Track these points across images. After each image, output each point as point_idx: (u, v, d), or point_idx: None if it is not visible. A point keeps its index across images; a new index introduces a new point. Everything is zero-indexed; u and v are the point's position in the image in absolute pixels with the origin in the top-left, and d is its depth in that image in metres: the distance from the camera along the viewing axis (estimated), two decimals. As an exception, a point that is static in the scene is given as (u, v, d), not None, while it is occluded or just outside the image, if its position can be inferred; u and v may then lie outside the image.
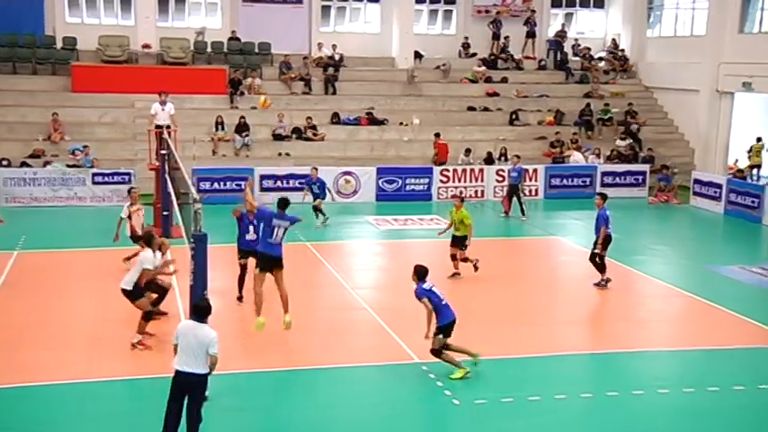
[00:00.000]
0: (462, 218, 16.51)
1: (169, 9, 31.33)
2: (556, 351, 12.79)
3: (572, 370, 12.29)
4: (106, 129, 26.90)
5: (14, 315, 13.68)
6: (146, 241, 12.61)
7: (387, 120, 29.32)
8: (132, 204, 16.68)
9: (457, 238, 16.64)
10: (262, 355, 12.32)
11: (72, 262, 16.99)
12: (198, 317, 8.98)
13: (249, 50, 30.79)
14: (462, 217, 16.50)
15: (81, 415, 10.16)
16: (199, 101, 28.15)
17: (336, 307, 14.51)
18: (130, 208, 16.56)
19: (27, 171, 23.65)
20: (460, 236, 16.56)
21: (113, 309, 13.39)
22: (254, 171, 24.57)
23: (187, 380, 8.76)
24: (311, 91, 29.92)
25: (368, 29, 33.44)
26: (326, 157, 26.94)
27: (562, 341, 13.44)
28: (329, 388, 11.39)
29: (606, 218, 16.19)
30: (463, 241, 16.55)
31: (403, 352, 12.53)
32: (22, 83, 27.77)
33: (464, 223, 16.48)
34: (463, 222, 16.49)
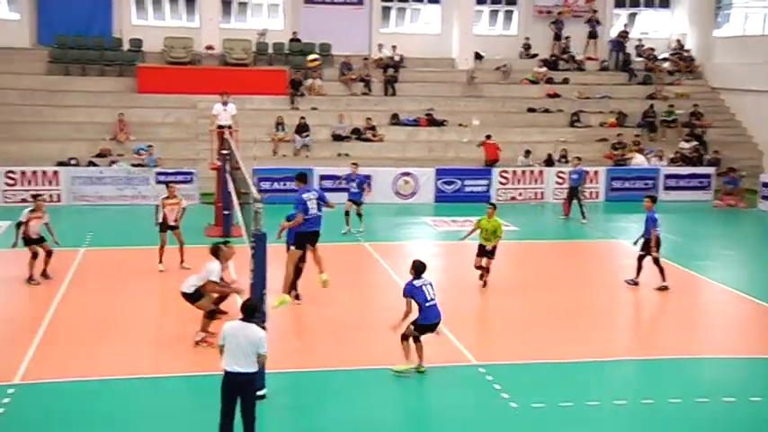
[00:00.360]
0: (496, 228, 15.55)
1: (232, 11, 31.78)
2: (616, 356, 12.59)
3: (633, 375, 12.09)
4: (170, 129, 27.40)
5: (80, 311, 14.02)
6: (213, 253, 12.50)
7: (446, 121, 29.25)
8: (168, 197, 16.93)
9: (484, 250, 15.69)
10: (319, 354, 12.39)
11: (136, 259, 17.33)
12: (246, 316, 9.04)
13: (310, 51, 30.94)
14: (496, 227, 15.55)
15: (143, 410, 10.35)
16: (259, 102, 28.48)
17: (393, 307, 14.43)
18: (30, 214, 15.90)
19: (94, 170, 24.23)
20: (490, 247, 15.61)
21: (176, 306, 13.60)
22: (313, 171, 24.75)
23: (237, 380, 8.81)
24: (371, 92, 30.02)
25: (428, 30, 33.40)
26: (385, 158, 27.01)
27: (623, 346, 13.22)
28: (385, 388, 11.39)
29: (655, 220, 16.03)
30: (492, 254, 15.64)
31: (460, 353, 12.47)
32: (91, 84, 28.47)
33: (497, 234, 15.53)
34: (496, 233, 15.52)
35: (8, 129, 25.90)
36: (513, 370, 11.91)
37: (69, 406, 10.33)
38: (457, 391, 11.28)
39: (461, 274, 16.80)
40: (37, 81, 28.06)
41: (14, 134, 25.78)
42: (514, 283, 16.43)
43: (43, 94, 27.53)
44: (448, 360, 12.27)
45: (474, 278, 16.54)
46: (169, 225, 16.75)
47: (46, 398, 10.53)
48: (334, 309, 14.31)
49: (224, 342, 8.87)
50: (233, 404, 8.89)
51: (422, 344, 11.61)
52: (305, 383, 11.37)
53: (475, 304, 15.29)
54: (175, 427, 9.94)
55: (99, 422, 9.95)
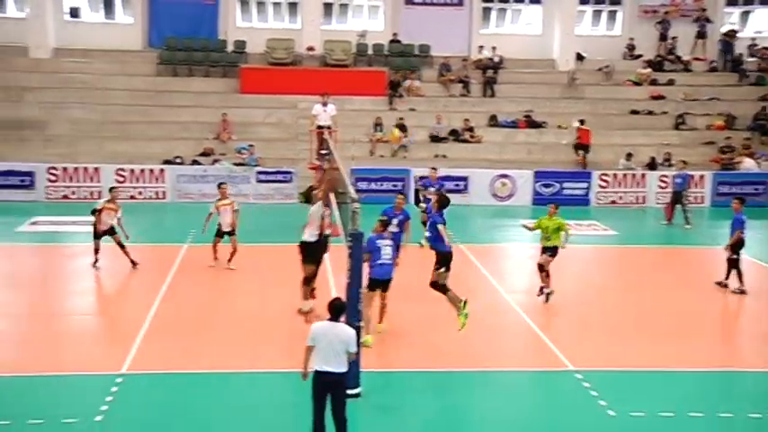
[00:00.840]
0: (558, 225, 14.84)
1: (333, 12, 32.17)
2: (722, 366, 12.13)
3: (740, 387, 11.61)
4: (270, 129, 27.94)
5: (183, 305, 14.45)
6: (306, 199, 13.00)
7: (545, 123, 28.84)
8: (220, 199, 16.95)
9: (547, 249, 14.99)
10: (413, 355, 12.39)
11: (237, 256, 17.70)
12: (334, 316, 9.09)
13: (409, 52, 31.13)
14: (558, 225, 14.85)
15: (239, 404, 10.57)
16: (358, 102, 28.72)
17: (488, 310, 14.39)
18: (105, 204, 16.79)
19: (197, 168, 24.95)
20: (551, 246, 14.93)
21: (274, 301, 13.88)
22: (410, 172, 24.83)
23: (328, 379, 8.86)
24: (469, 93, 29.87)
25: (529, 30, 33.00)
26: (482, 160, 26.84)
27: (728, 355, 12.72)
28: (479, 391, 11.31)
29: (742, 222, 15.81)
30: (554, 252, 14.94)
31: (556, 359, 12.27)
32: (196, 84, 29.32)
33: (559, 232, 14.84)
34: (558, 230, 14.84)
35: (119, 128, 26.94)
36: (611, 377, 11.63)
37: (170, 397, 10.66)
38: (552, 397, 11.11)
39: (560, 278, 16.52)
40: (146, 82, 29.10)
41: (124, 133, 26.80)
42: (613, 288, 16.05)
43: (152, 94, 28.52)
44: (544, 365, 12.10)
45: (570, 282, 16.27)
46: (224, 231, 16.68)
47: (149, 388, 10.90)
48: (428, 308, 14.28)
49: (314, 342, 8.92)
50: (324, 403, 8.96)
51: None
52: (400, 383, 11.40)
53: (572, 309, 14.99)
54: (269, 422, 10.10)
55: (196, 414, 10.22)
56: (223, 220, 16.69)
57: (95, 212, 16.50)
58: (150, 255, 17.43)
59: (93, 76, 28.81)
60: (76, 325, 13.64)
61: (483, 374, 11.86)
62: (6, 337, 12.75)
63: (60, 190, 23.75)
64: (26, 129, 26.53)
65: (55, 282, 16.12)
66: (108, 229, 16.51)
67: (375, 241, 12.49)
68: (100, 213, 16.45)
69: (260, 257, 17.80)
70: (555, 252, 14.92)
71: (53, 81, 28.39)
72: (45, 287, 15.66)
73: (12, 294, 14.88)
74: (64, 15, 30.54)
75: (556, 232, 14.83)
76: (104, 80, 28.69)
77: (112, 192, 17.09)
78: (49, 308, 14.44)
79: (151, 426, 9.86)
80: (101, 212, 16.46)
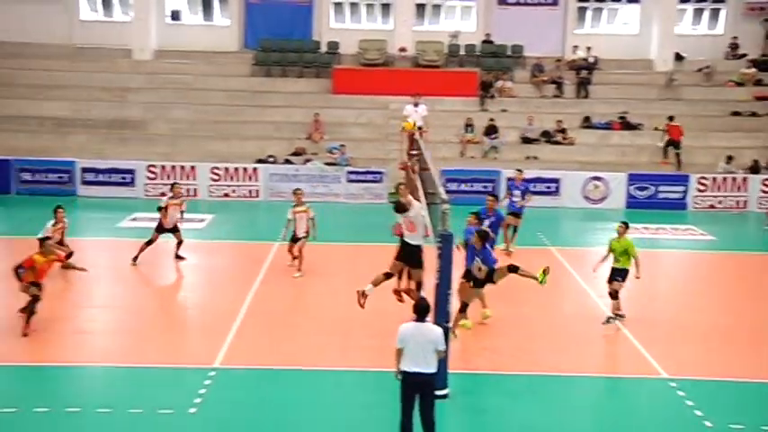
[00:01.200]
0: (626, 248, 13.68)
1: (426, 13, 32.19)
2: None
3: None
4: (361, 129, 28.16)
5: (273, 302, 14.70)
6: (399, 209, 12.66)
7: (641, 124, 28.14)
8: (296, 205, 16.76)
9: (617, 272, 13.78)
10: (502, 357, 12.29)
11: (325, 255, 17.92)
12: (420, 316, 9.08)
13: (502, 53, 30.87)
14: (627, 246, 13.68)
15: (326, 402, 10.72)
16: (450, 103, 28.65)
17: (579, 314, 14.15)
18: (169, 201, 17.04)
19: (289, 168, 25.34)
20: (620, 268, 13.72)
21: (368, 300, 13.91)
22: (500, 173, 24.63)
23: (418, 380, 8.87)
24: (562, 94, 29.42)
25: (625, 30, 32.26)
26: (574, 162, 26.40)
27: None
28: (568, 396, 11.13)
29: None
30: (624, 276, 13.74)
31: (649, 366, 11.97)
32: (290, 85, 29.81)
33: (627, 254, 13.65)
34: (627, 253, 13.65)
35: (214, 128, 27.63)
36: (707, 386, 11.28)
37: (259, 392, 10.87)
38: (645, 405, 10.85)
39: (653, 283, 16.11)
40: (241, 83, 29.76)
41: (220, 133, 27.46)
42: (710, 294, 15.54)
43: (246, 94, 29.13)
44: (637, 372, 11.82)
45: (665, 287, 15.86)
46: (297, 237, 16.60)
47: (240, 383, 11.13)
48: (519, 312, 14.15)
49: (402, 344, 8.94)
50: (412, 404, 8.97)
51: None
52: (489, 385, 11.32)
53: (666, 316, 14.59)
54: (356, 421, 10.17)
55: (284, 410, 10.37)
56: (298, 226, 16.60)
57: (161, 209, 16.90)
58: (243, 252, 17.79)
59: (191, 76, 29.66)
60: (173, 318, 14.07)
61: (573, 379, 11.67)
62: (109, 329, 13.24)
63: (159, 187, 24.47)
64: (128, 128, 27.52)
65: (153, 276, 16.63)
66: (173, 227, 16.95)
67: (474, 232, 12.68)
68: (166, 210, 16.86)
69: (349, 256, 17.96)
70: (625, 276, 13.75)
71: (153, 82, 29.37)
72: (144, 281, 16.20)
73: (113, 288, 15.44)
74: (165, 18, 31.54)
75: (624, 254, 13.68)
76: (202, 81, 29.50)
77: (175, 188, 17.49)
78: (147, 301, 14.93)
79: (241, 420, 10.06)
80: (167, 209, 16.87)
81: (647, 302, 14.65)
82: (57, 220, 15.94)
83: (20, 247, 15.51)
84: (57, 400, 10.32)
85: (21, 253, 15.57)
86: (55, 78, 29.02)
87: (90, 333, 12.80)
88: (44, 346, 12.20)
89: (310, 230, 16.54)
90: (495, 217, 15.04)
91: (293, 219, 16.50)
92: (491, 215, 14.92)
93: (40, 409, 9.99)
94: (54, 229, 15.77)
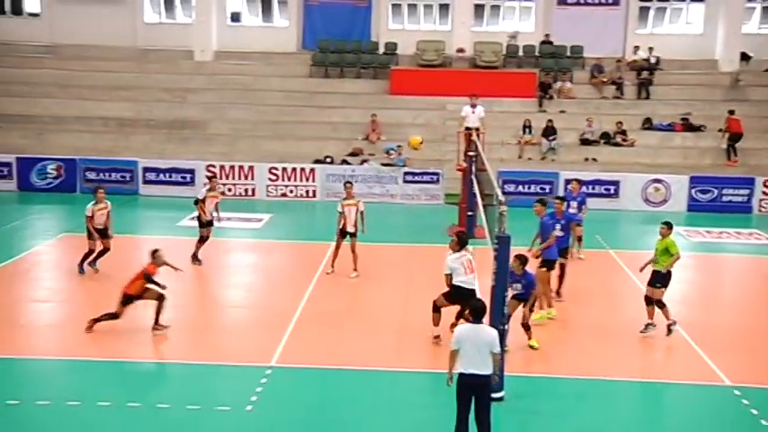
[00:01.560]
0: (667, 245, 13.01)
1: (484, 14, 32.03)
2: None
3: None
4: (418, 130, 28.05)
5: (330, 301, 14.77)
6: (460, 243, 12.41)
7: (704, 126, 27.54)
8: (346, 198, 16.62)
9: (658, 276, 13.09)
10: (561, 361, 12.15)
11: (380, 255, 17.95)
12: (476, 317, 9.04)
13: (561, 54, 30.55)
14: (667, 245, 13.02)
15: (381, 402, 10.73)
16: (507, 104, 28.45)
17: (639, 319, 13.89)
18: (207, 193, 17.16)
19: (346, 168, 25.44)
20: (661, 272, 13.05)
21: (417, 301, 13.93)
22: (558, 175, 24.37)
23: (474, 381, 8.82)
24: (623, 95, 28.98)
25: (689, 30, 31.64)
26: (634, 164, 25.98)
27: None
28: (627, 402, 10.96)
29: None
30: (665, 281, 13.06)
31: (711, 373, 11.70)
32: (348, 86, 29.95)
33: (669, 252, 12.98)
34: (668, 251, 12.98)
35: (273, 128, 27.91)
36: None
37: (314, 391, 10.91)
38: (707, 412, 10.60)
39: (716, 288, 15.77)
40: (299, 83, 30.00)
41: (278, 133, 27.72)
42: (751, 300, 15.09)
43: (304, 95, 29.35)
44: (698, 379, 11.57)
45: (728, 293, 15.48)
46: (347, 231, 16.44)
47: (296, 381, 11.20)
48: (575, 316, 13.97)
49: (458, 346, 8.91)
50: (468, 406, 8.93)
51: None
52: (546, 389, 11.20)
53: (730, 322, 14.26)
54: (410, 422, 10.15)
55: (339, 409, 10.42)
56: (348, 219, 16.45)
57: (198, 203, 17.09)
58: (300, 251, 17.93)
59: (250, 77, 30.02)
60: (231, 316, 14.23)
61: (632, 384, 11.49)
62: (170, 327, 13.46)
63: (217, 187, 24.75)
64: (188, 128, 27.98)
65: (211, 274, 16.85)
66: (210, 220, 17.14)
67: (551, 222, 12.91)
68: (203, 203, 17.02)
69: (404, 257, 17.96)
70: (667, 281, 13.09)
71: (213, 83, 29.81)
72: (202, 279, 16.42)
73: (174, 285, 15.67)
74: (226, 20, 31.99)
75: (665, 254, 13.01)
76: (260, 81, 29.84)
77: (212, 181, 17.68)
78: (206, 299, 15.14)
79: (296, 419, 10.12)
80: (204, 202, 17.04)
81: (709, 308, 14.33)
82: (97, 200, 16.08)
83: (86, 244, 15.94)
84: (118, 394, 10.54)
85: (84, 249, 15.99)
86: (119, 80, 29.67)
87: (148, 331, 13.01)
88: (113, 343, 12.46)
89: (359, 225, 16.42)
90: (566, 219, 14.85)
91: (342, 212, 16.43)
92: (560, 219, 14.72)
93: (103, 403, 10.21)
94: (96, 209, 15.96)
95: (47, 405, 10.14)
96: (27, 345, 12.37)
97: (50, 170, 24.86)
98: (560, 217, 14.69)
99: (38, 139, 27.06)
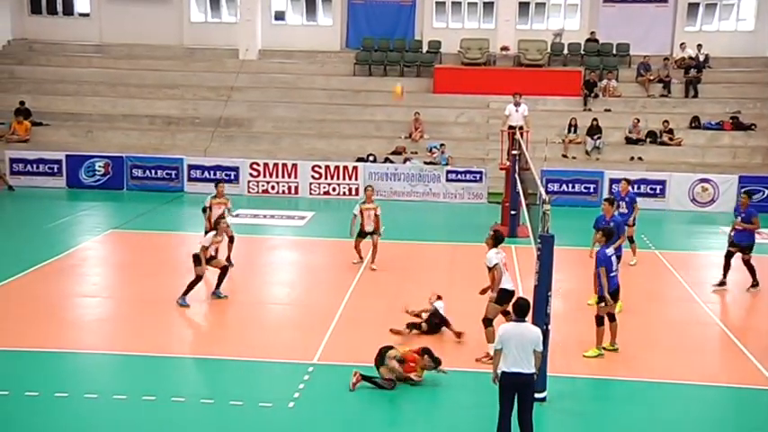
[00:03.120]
0: None
1: (529, 11, 31.82)
2: None
3: None
4: (461, 128, 28.05)
5: (371, 299, 14.78)
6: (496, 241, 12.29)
7: (754, 125, 27.02)
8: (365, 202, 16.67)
9: None
10: (605, 363, 12.02)
11: (425, 253, 17.93)
12: (519, 316, 9.00)
13: (607, 52, 30.21)
14: None
15: (426, 400, 10.74)
16: (552, 102, 28.24)
17: (685, 320, 13.71)
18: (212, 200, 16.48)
19: (389, 166, 25.45)
20: None
21: (460, 300, 13.87)
22: (603, 174, 24.12)
23: (517, 380, 8.80)
24: (670, 93, 28.56)
25: (740, 26, 31.08)
26: (681, 163, 25.59)
27: None
28: (671, 404, 10.80)
29: None
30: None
31: (759, 375, 11.49)
32: (391, 84, 29.80)
33: None
34: None
35: (316, 126, 28.06)
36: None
37: (356, 389, 10.92)
38: (752, 416, 10.42)
39: (763, 293, 15.47)
40: (343, 82, 30.11)
41: (321, 131, 27.86)
42: None
43: (348, 93, 29.45)
44: (744, 381, 11.37)
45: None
46: (366, 231, 16.60)
47: (338, 379, 11.20)
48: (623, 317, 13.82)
49: (501, 345, 8.88)
50: (511, 404, 8.90)
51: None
52: (589, 390, 11.11)
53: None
54: (454, 421, 10.13)
55: (381, 407, 10.43)
56: (365, 222, 16.63)
57: (205, 210, 16.52)
58: (343, 249, 17.98)
59: (294, 76, 30.22)
60: (274, 313, 14.33)
61: (677, 386, 11.32)
62: (212, 322, 13.63)
63: (261, 184, 25.00)
64: (233, 126, 28.25)
65: (254, 271, 17.00)
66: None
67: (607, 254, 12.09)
68: (210, 210, 16.46)
69: (447, 256, 17.92)
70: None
71: (258, 81, 30.05)
72: (246, 276, 16.56)
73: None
74: (270, 19, 32.24)
75: None
76: (304, 80, 30.01)
77: (219, 186, 16.95)
78: (248, 296, 15.26)
79: (337, 415, 10.16)
80: (211, 209, 16.45)
81: (760, 311, 14.06)
82: (217, 194, 16.37)
83: (132, 240, 16.17)
84: (162, 389, 10.70)
85: (134, 245, 16.22)
86: (165, 78, 30.09)
87: (193, 327, 13.18)
88: (157, 338, 12.65)
89: (378, 225, 16.67)
90: (614, 221, 14.63)
91: (357, 214, 16.62)
92: (609, 220, 14.54)
93: (148, 398, 10.37)
94: (215, 202, 16.27)
95: (94, 398, 10.33)
96: (75, 339, 12.62)
97: (98, 167, 25.26)
98: (609, 218, 14.50)
99: (87, 137, 27.56)
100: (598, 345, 11.96)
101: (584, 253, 15.13)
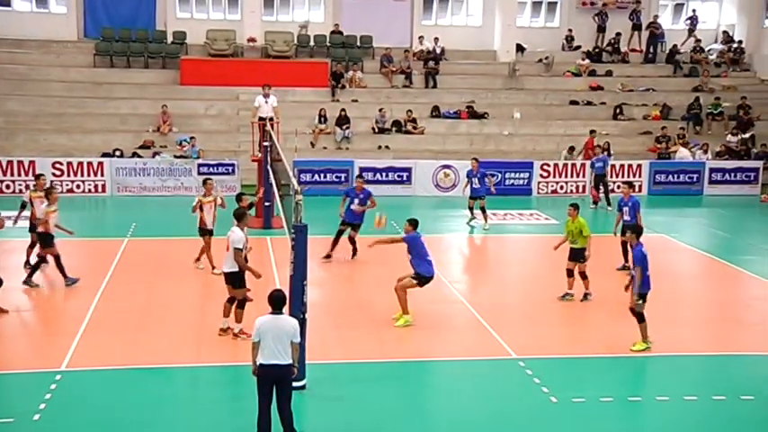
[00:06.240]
0: (581, 228, 14.49)
1: (274, 3, 31.92)
2: (662, 352, 12.38)
3: (678, 371, 11.87)
4: (211, 121, 27.65)
5: (124, 300, 14.19)
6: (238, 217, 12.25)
7: (487, 113, 29.10)
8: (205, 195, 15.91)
9: (575, 252, 14.59)
10: (359, 346, 12.42)
11: (178, 249, 17.49)
12: (275, 308, 9.04)
13: (351, 44, 31.07)
14: (580, 227, 14.49)
15: (181, 398, 10.56)
16: (301, 94, 28.59)
17: (434, 300, 14.48)
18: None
19: (137, 161, 24.53)
20: (578, 248, 14.53)
21: (217, 296, 13.71)
22: (353, 163, 24.83)
23: (272, 372, 8.85)
24: (412, 84, 29.97)
25: (470, 22, 33.24)
26: (425, 151, 26.99)
27: (667, 342, 12.93)
28: (425, 381, 11.41)
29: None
30: (582, 254, 14.53)
31: (500, 347, 12.43)
32: (135, 76, 28.81)
33: (582, 234, 14.48)
34: (582, 233, 14.48)
35: (55, 121, 26.37)
36: (552, 364, 11.84)
37: (110, 392, 10.47)
38: (496, 385, 11.25)
39: (502, 268, 16.72)
40: (83, 73, 28.52)
41: (61, 126, 26.23)
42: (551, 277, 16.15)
43: (89, 86, 27.95)
44: (488, 354, 12.25)
45: (516, 271, 16.43)
46: (209, 229, 15.71)
47: (89, 384, 10.70)
48: (377, 300, 14.33)
49: (259, 337, 8.89)
50: (269, 396, 8.93)
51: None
52: (346, 375, 11.38)
53: (516, 298, 15.20)
54: (212, 415, 10.03)
55: (139, 407, 10.09)
56: (207, 217, 15.64)
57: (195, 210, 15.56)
58: (89, 249, 17.09)
59: (27, 67, 28.15)
60: (16, 322, 13.30)
61: (428, 364, 11.97)
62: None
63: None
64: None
65: None
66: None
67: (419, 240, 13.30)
68: (201, 209, 15.49)
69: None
70: (584, 257, 14.49)
71: (-16, 72, 27.65)
72: None
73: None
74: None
75: (580, 235, 14.48)
76: (39, 71, 28.06)
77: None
78: None
79: (90, 423, 9.68)
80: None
81: (497, 287, 15.12)
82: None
83: None
84: None
85: None
86: None
87: None
88: None
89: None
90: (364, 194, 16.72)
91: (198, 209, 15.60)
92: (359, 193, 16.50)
93: None
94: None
95: None
96: None
97: None
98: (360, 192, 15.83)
99: None
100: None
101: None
